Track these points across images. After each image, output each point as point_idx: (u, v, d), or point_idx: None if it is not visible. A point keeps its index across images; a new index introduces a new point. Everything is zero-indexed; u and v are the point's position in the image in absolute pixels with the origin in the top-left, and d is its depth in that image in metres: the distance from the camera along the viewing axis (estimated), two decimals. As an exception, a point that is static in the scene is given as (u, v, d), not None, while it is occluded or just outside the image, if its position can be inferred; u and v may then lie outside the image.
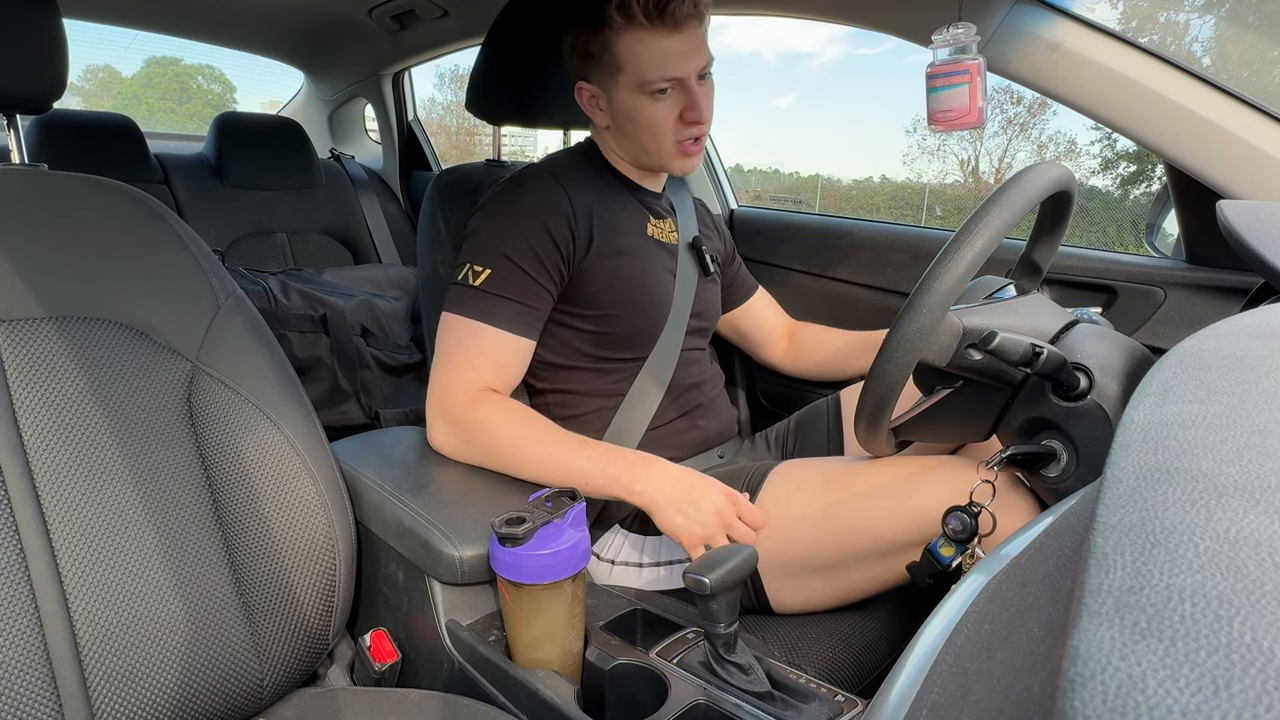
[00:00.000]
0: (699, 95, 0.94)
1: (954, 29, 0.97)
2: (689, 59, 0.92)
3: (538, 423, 0.89)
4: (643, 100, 0.94)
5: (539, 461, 0.86)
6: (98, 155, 1.87)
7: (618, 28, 0.91)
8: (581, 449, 0.86)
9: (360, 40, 2.14)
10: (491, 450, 0.88)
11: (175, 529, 0.70)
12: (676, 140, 0.97)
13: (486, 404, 0.89)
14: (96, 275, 0.73)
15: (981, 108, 0.98)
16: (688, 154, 0.99)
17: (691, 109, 0.94)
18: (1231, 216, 0.67)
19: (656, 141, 0.97)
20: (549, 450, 0.86)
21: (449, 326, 0.92)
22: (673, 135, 0.97)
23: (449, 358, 0.91)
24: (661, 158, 0.99)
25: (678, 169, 1.01)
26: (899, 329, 0.69)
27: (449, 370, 0.90)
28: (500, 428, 0.87)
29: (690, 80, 0.93)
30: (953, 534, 0.75)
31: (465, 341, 0.90)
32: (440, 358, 0.92)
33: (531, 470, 0.86)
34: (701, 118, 0.95)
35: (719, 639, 0.65)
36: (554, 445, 0.86)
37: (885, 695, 0.34)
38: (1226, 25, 8.32)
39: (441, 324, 0.93)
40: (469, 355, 0.90)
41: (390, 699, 0.73)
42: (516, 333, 0.91)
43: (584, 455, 0.86)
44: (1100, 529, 0.23)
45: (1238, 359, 0.35)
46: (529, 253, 0.92)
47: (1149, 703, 0.16)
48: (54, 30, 0.77)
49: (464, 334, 0.91)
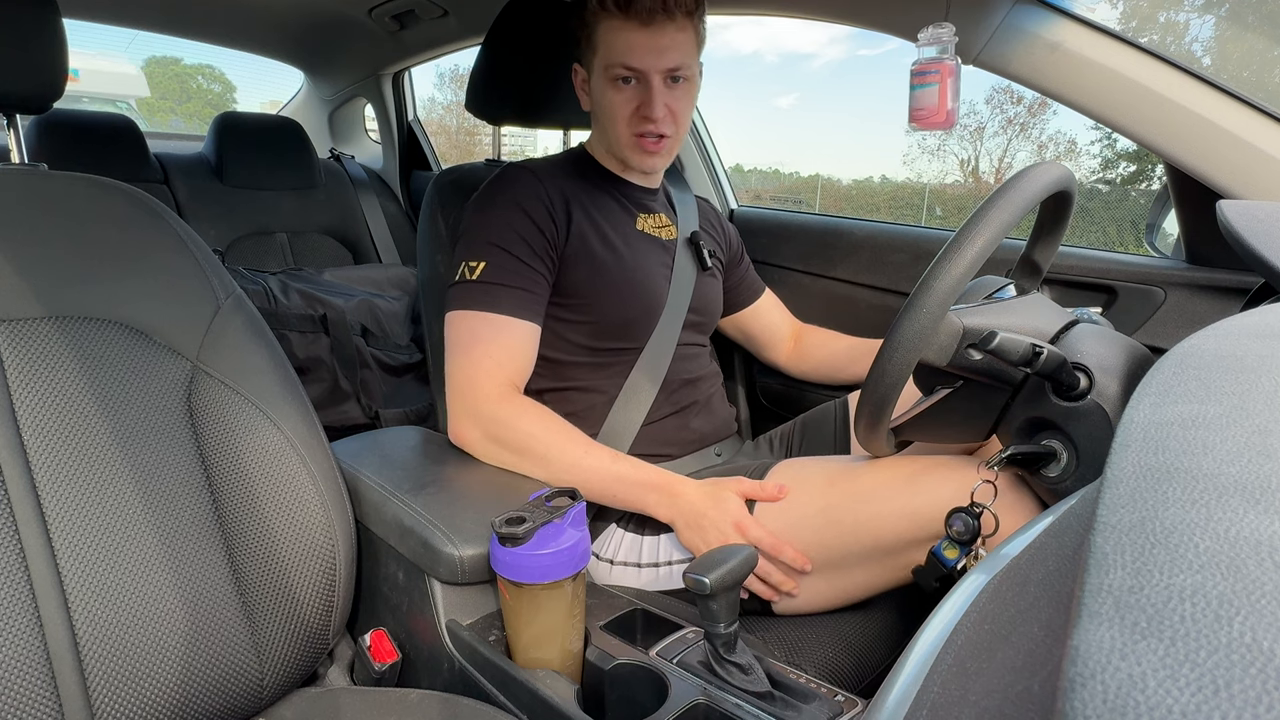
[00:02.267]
0: (656, 94, 0.96)
1: (937, 28, 0.97)
2: (653, 56, 0.94)
3: (570, 429, 0.90)
4: (607, 86, 0.98)
5: (572, 468, 0.87)
6: (98, 155, 1.86)
7: (596, 12, 0.95)
8: (614, 463, 0.89)
9: (360, 40, 2.14)
10: (522, 451, 0.89)
11: (175, 529, 0.70)
12: (632, 133, 0.99)
13: (518, 403, 0.90)
14: (96, 275, 0.73)
15: (951, 109, 0.98)
16: (645, 150, 1.01)
17: (646, 105, 0.96)
18: (1231, 216, 0.67)
19: (615, 129, 1.00)
20: (583, 460, 0.88)
21: (457, 324, 0.93)
22: (628, 128, 0.99)
23: (465, 352, 0.92)
24: (621, 148, 1.02)
25: (635, 163, 1.03)
26: (899, 329, 0.69)
27: (468, 364, 0.91)
28: (535, 430, 0.88)
29: (652, 77, 0.95)
30: (956, 536, 0.75)
31: (478, 333, 0.92)
32: (455, 354, 0.92)
33: (562, 476, 0.88)
34: (652, 115, 0.97)
35: (719, 639, 0.65)
36: (589, 455, 0.88)
37: (885, 695, 0.34)
38: (1226, 25, 8.32)
39: (449, 324, 0.94)
40: (485, 347, 0.91)
41: (390, 699, 0.73)
42: (522, 318, 0.93)
43: (614, 471, 0.88)
44: (1100, 529, 0.23)
45: (1238, 359, 0.35)
46: (517, 240, 0.95)
47: (1149, 703, 0.16)
48: (54, 30, 0.77)
49: (475, 326, 0.92)
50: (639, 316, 1.03)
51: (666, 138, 1.00)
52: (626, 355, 1.03)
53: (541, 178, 1.00)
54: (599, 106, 1.01)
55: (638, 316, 1.03)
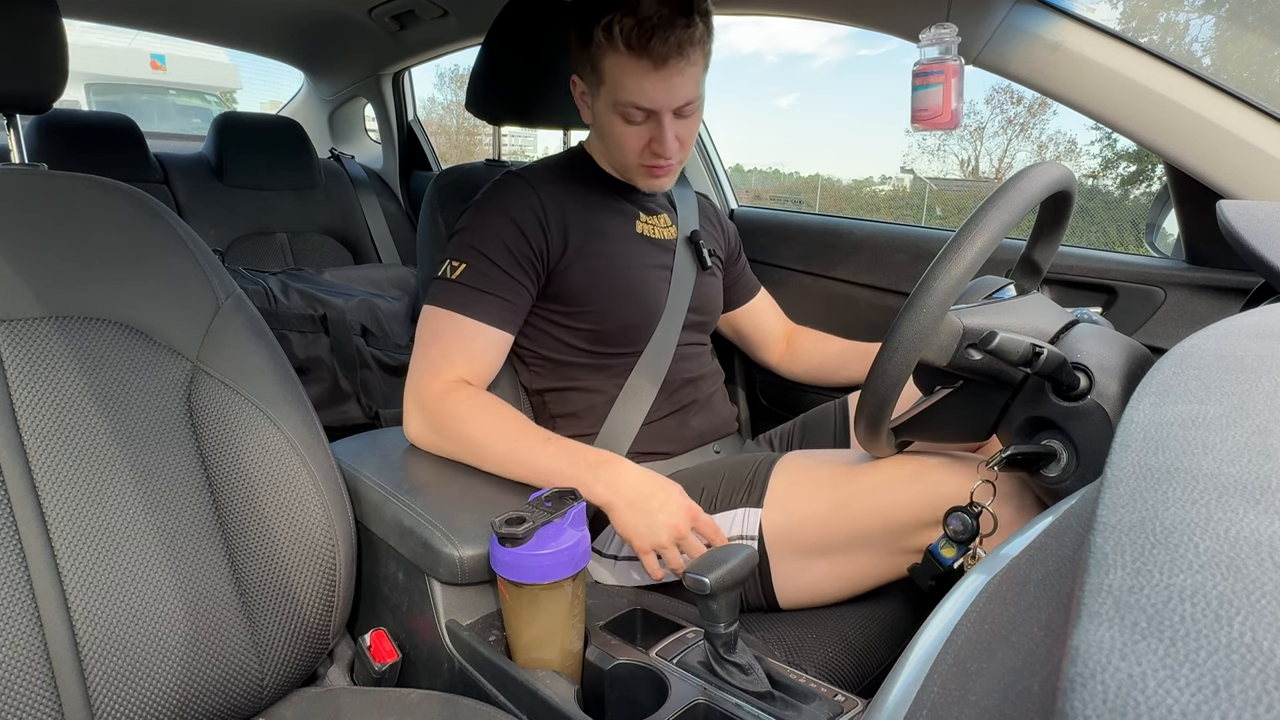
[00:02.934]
0: (667, 130, 0.95)
1: (939, 28, 0.97)
2: (665, 95, 0.92)
3: (507, 416, 0.89)
4: (616, 119, 0.96)
5: (505, 455, 0.87)
6: (98, 155, 1.87)
7: (603, 45, 0.91)
8: (546, 445, 0.86)
9: (360, 40, 2.14)
10: (461, 441, 0.89)
11: (175, 529, 0.70)
12: (641, 164, 1.00)
13: (459, 394, 0.90)
14: (96, 275, 0.73)
15: (955, 110, 0.98)
16: (654, 175, 1.01)
17: (658, 142, 0.96)
18: (1231, 216, 0.67)
19: (623, 158, 1.00)
20: (515, 444, 0.86)
21: (426, 319, 0.95)
22: (637, 159, 0.99)
23: (425, 348, 0.93)
24: (628, 173, 1.03)
25: (643, 186, 1.04)
26: (899, 329, 0.69)
27: (424, 360, 0.92)
28: (470, 419, 0.88)
29: (664, 115, 0.94)
30: (954, 534, 0.75)
31: (441, 332, 0.93)
32: (417, 349, 0.94)
33: (497, 464, 0.87)
34: (666, 153, 0.97)
35: (719, 639, 0.65)
36: (520, 440, 0.87)
37: (885, 695, 0.34)
38: (1226, 25, 8.32)
39: (421, 316, 0.96)
40: (443, 345, 0.92)
41: (390, 699, 0.73)
42: (491, 324, 0.93)
43: (548, 452, 0.86)
44: (1100, 529, 0.23)
45: (1238, 359, 0.35)
46: (502, 248, 0.95)
47: (1149, 703, 0.16)
48: (54, 30, 0.77)
49: (440, 324, 0.93)
50: (638, 322, 1.03)
51: (673, 161, 1.00)
52: (627, 357, 1.03)
53: (537, 188, 0.99)
54: (606, 133, 0.99)
55: (637, 322, 1.03)
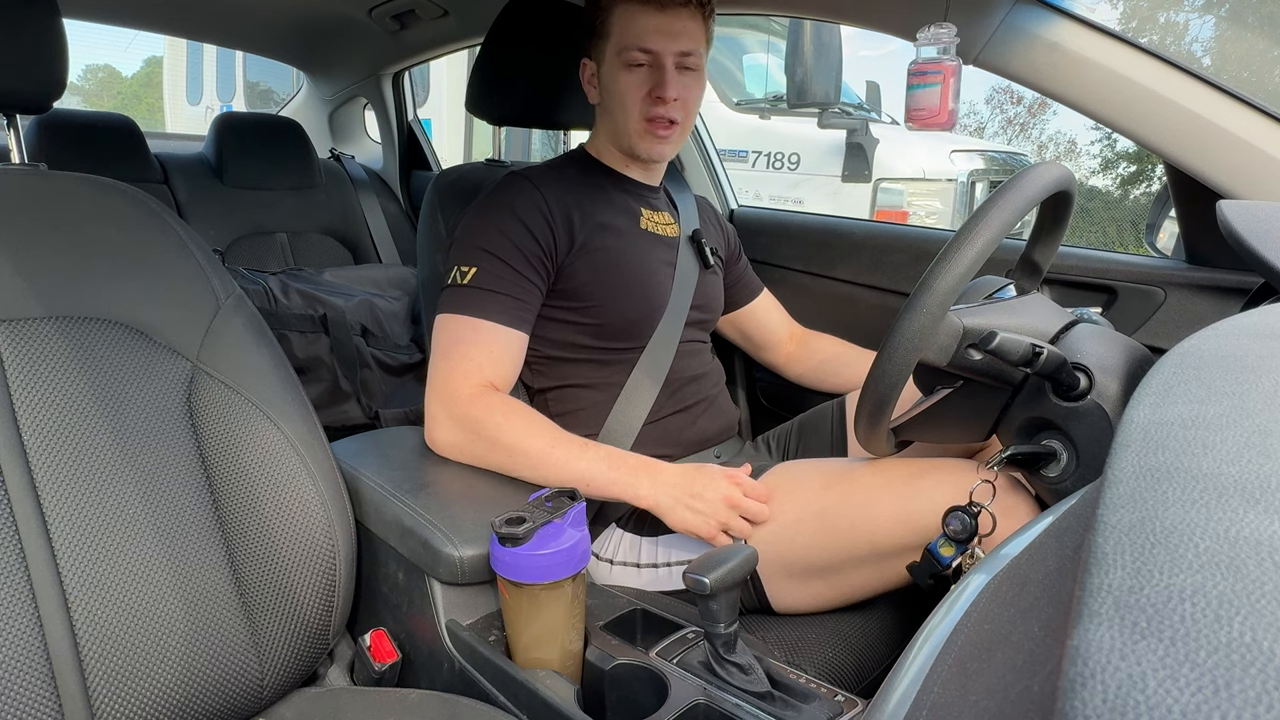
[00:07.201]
0: (670, 75, 0.98)
1: (937, 28, 0.97)
2: (668, 39, 0.97)
3: (542, 422, 0.90)
4: (619, 70, 1.00)
5: (542, 461, 0.86)
6: (98, 155, 1.86)
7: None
8: (584, 450, 0.88)
9: (360, 40, 2.14)
10: (494, 446, 0.88)
11: (175, 529, 0.70)
12: (643, 117, 1.01)
13: (490, 400, 0.90)
14: (96, 275, 0.73)
15: (952, 109, 0.99)
16: (656, 136, 1.02)
17: (659, 86, 0.98)
18: (1231, 216, 0.67)
19: (625, 113, 1.01)
20: (552, 449, 0.87)
21: (444, 326, 0.94)
22: (639, 110, 1.00)
23: (446, 354, 0.92)
24: (630, 135, 1.03)
25: (643, 150, 1.04)
26: (899, 329, 0.69)
27: (448, 366, 0.92)
28: (504, 425, 0.88)
29: (665, 59, 0.98)
30: (953, 534, 0.75)
31: (462, 336, 0.92)
32: (438, 355, 0.93)
33: (534, 470, 0.87)
34: (666, 96, 0.99)
35: (719, 639, 0.65)
36: (556, 445, 0.87)
37: (885, 695, 0.34)
38: (1226, 25, 8.31)
39: (436, 325, 0.95)
40: (466, 350, 0.92)
41: (390, 699, 0.73)
42: (509, 325, 0.94)
43: (586, 457, 0.87)
44: (1100, 529, 0.23)
45: (1238, 359, 0.35)
46: (510, 248, 0.95)
47: (1149, 703, 0.16)
48: (54, 30, 0.77)
49: (460, 330, 0.93)
50: (643, 315, 1.03)
51: (676, 124, 1.01)
52: (628, 354, 1.04)
53: (541, 187, 1.00)
54: (609, 93, 1.02)
55: (642, 315, 1.03)
